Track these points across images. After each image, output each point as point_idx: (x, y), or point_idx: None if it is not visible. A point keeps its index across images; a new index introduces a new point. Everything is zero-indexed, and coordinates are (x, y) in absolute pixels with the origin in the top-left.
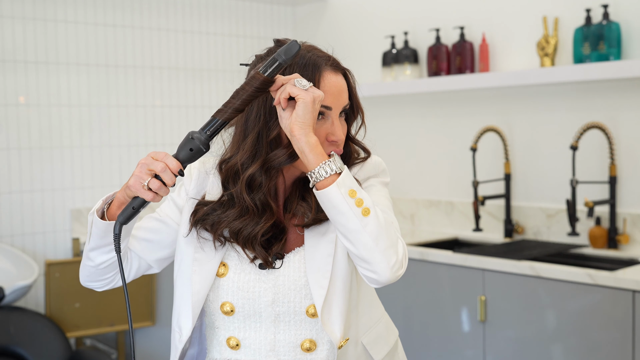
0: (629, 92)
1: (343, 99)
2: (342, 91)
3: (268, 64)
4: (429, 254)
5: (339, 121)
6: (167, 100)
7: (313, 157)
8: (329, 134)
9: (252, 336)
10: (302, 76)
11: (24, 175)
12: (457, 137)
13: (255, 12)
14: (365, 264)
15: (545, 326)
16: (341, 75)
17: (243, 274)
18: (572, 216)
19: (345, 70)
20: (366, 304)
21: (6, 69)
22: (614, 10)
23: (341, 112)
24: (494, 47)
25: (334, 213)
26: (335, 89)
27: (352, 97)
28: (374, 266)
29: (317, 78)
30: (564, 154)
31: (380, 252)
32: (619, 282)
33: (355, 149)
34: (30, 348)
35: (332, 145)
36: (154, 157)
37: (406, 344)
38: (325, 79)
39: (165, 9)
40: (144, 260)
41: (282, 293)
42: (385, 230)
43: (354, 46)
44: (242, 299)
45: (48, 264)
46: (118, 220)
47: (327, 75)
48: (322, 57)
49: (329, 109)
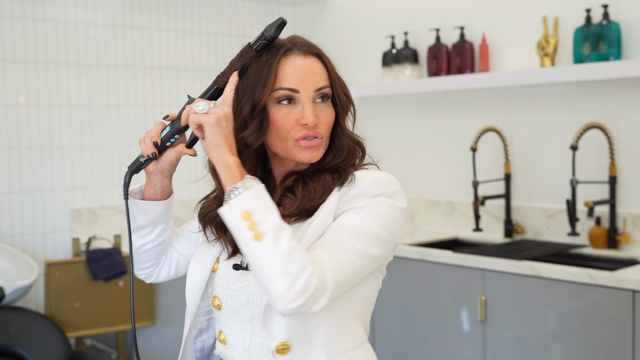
0: (629, 92)
1: (313, 82)
2: (311, 73)
3: (257, 38)
4: (429, 254)
5: (311, 105)
6: (167, 100)
7: (226, 180)
8: (300, 117)
9: (234, 333)
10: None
11: (24, 175)
12: (457, 137)
13: (255, 12)
14: (262, 288)
15: (545, 326)
16: (314, 58)
17: (227, 270)
18: (572, 216)
19: (319, 53)
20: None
21: (6, 69)
22: (614, 10)
23: (322, 97)
24: (494, 47)
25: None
26: (301, 70)
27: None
28: (267, 292)
29: (279, 60)
30: (564, 154)
31: (269, 279)
32: (619, 282)
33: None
34: (30, 348)
35: (304, 128)
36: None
37: (406, 344)
38: (288, 60)
39: (165, 9)
40: (182, 256)
41: (254, 295)
42: (280, 258)
43: (354, 46)
44: (225, 295)
45: (48, 264)
46: (128, 170)
47: (292, 57)
48: (289, 41)
49: (296, 91)
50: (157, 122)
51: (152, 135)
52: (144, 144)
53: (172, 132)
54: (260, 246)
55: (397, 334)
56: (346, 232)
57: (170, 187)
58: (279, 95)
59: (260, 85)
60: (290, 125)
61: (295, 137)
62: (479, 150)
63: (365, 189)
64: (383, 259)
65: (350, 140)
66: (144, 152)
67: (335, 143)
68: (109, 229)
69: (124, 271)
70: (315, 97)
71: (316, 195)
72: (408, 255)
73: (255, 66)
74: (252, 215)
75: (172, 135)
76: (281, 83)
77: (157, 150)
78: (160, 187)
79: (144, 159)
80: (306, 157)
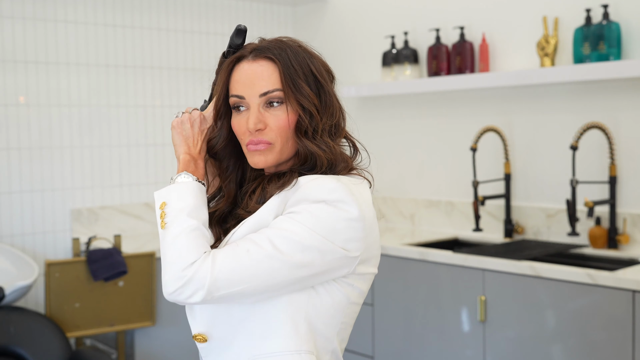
0: (629, 92)
1: (258, 87)
2: (256, 78)
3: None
4: (429, 254)
5: (256, 110)
6: (167, 100)
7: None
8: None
9: None
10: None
11: (24, 175)
12: (457, 137)
13: (255, 12)
14: None
15: (545, 326)
16: (264, 62)
17: None
18: (572, 216)
19: (272, 57)
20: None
21: (6, 69)
22: (614, 10)
23: (275, 102)
24: (494, 47)
25: None
26: (246, 77)
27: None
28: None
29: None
30: (564, 154)
31: (163, 264)
32: (619, 282)
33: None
34: (30, 348)
35: (250, 134)
36: None
37: (406, 344)
38: (238, 68)
39: (165, 9)
40: None
41: None
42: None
43: (354, 46)
44: None
45: (48, 264)
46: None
47: (242, 64)
48: (247, 46)
49: (241, 97)
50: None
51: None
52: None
53: None
54: (162, 234)
55: (397, 334)
56: (263, 234)
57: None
58: (232, 102)
59: (217, 92)
60: (242, 131)
61: (246, 142)
62: (479, 150)
63: (305, 194)
64: (321, 268)
65: (306, 149)
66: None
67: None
68: (109, 229)
69: (124, 271)
70: (262, 102)
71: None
72: (408, 255)
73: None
74: (165, 205)
75: None
76: (232, 90)
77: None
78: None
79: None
80: (252, 161)
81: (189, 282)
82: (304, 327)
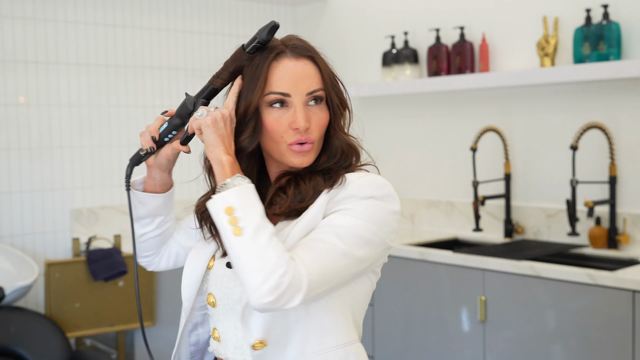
0: (629, 92)
1: (305, 85)
2: (302, 77)
3: (250, 41)
4: (429, 254)
5: (302, 108)
6: (167, 100)
7: (219, 177)
8: (292, 122)
9: (227, 330)
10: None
11: (24, 175)
12: (457, 137)
13: (255, 12)
14: (239, 282)
15: (545, 326)
16: (307, 61)
17: (222, 268)
18: (572, 216)
19: (312, 56)
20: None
21: (6, 69)
22: (614, 10)
23: (316, 100)
24: (494, 47)
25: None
26: (293, 74)
27: (327, 85)
28: (243, 286)
29: (270, 64)
30: (564, 154)
31: (245, 274)
32: (619, 282)
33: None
34: (30, 348)
35: (297, 132)
36: None
37: (406, 344)
38: (280, 64)
39: (165, 9)
40: (181, 248)
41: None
42: (256, 254)
43: (354, 46)
44: (220, 292)
45: (48, 264)
46: (130, 162)
47: (284, 61)
48: (281, 45)
49: (287, 95)
50: (157, 118)
51: (151, 130)
52: (143, 137)
53: (169, 128)
54: (238, 241)
55: (397, 334)
56: (330, 232)
57: (171, 180)
58: (270, 99)
59: (251, 89)
60: (282, 129)
61: (289, 142)
62: (479, 150)
63: (355, 191)
64: (372, 261)
65: (343, 143)
66: (143, 146)
67: (329, 145)
68: (109, 229)
69: (124, 271)
70: (307, 101)
71: (307, 197)
72: (408, 255)
73: (248, 69)
74: (234, 210)
75: (169, 131)
76: (272, 87)
77: (155, 144)
78: (160, 180)
79: (144, 152)
80: (297, 162)
81: (288, 289)
82: (350, 317)
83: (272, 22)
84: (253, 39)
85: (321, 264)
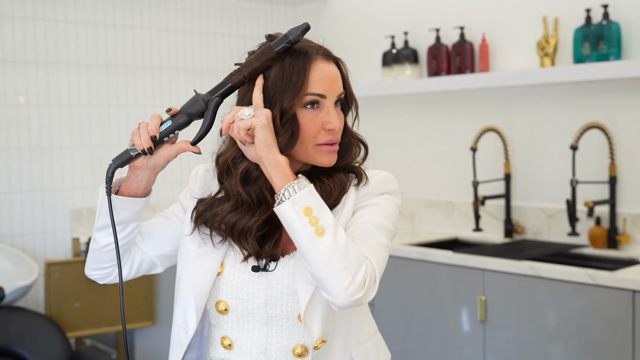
0: (629, 92)
1: (337, 87)
2: (335, 79)
3: (279, 41)
4: (429, 254)
5: (334, 110)
6: (167, 100)
7: (280, 179)
8: (325, 122)
9: (244, 337)
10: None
11: (24, 175)
12: (457, 137)
13: (255, 12)
14: (320, 283)
15: (545, 326)
16: (333, 64)
17: (238, 273)
18: (572, 216)
19: (337, 60)
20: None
21: (6, 69)
22: (614, 10)
23: (337, 102)
24: (494, 47)
25: (289, 230)
26: (328, 76)
27: (346, 87)
28: (327, 287)
29: (308, 66)
30: (564, 154)
31: (332, 273)
32: (619, 282)
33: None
34: (30, 348)
35: (329, 133)
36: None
37: (406, 344)
38: (317, 66)
39: (165, 9)
40: (146, 256)
41: (274, 296)
42: (341, 252)
43: (354, 46)
44: (235, 298)
45: (48, 264)
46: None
47: (319, 63)
48: (313, 47)
49: (323, 97)
50: (154, 116)
51: (151, 129)
52: (138, 137)
53: (173, 127)
54: (323, 241)
55: (397, 334)
56: (372, 228)
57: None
58: (307, 100)
59: (290, 91)
60: (315, 130)
61: (319, 142)
62: (479, 150)
63: (373, 187)
64: None
65: (353, 139)
66: (139, 146)
67: (342, 142)
68: None
69: None
70: (335, 102)
71: (333, 193)
72: (408, 255)
73: (281, 70)
74: (312, 211)
75: (172, 131)
76: (310, 89)
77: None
78: (146, 183)
79: (135, 153)
80: (326, 161)
81: (370, 284)
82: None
83: (305, 24)
84: (283, 39)
85: (379, 258)
